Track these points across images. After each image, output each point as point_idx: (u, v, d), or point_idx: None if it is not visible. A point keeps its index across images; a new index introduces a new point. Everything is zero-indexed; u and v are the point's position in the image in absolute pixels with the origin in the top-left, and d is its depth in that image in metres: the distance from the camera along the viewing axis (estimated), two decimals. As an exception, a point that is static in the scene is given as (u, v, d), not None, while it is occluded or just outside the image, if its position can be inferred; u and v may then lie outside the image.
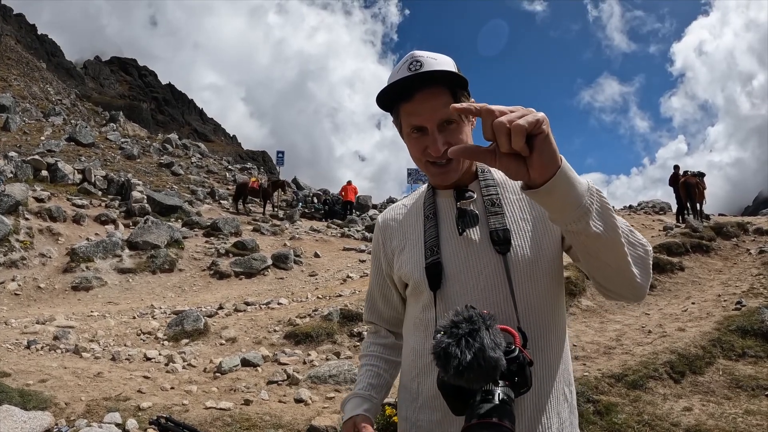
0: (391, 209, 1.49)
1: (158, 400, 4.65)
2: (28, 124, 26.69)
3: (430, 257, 1.28)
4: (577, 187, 0.94)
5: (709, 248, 10.57)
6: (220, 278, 11.54)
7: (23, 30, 68.32)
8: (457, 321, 0.99)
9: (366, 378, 1.46)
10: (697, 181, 15.79)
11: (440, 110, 1.20)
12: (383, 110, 1.30)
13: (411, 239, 1.36)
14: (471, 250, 1.26)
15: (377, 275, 1.50)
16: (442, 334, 0.98)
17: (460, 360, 0.94)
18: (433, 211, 1.34)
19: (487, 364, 0.93)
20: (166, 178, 22.53)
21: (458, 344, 0.95)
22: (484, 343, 0.94)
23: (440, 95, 1.20)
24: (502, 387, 0.96)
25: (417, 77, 1.18)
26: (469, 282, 1.24)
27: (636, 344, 6.14)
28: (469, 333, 0.96)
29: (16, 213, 11.91)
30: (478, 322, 0.98)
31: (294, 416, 4.50)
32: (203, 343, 6.84)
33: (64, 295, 9.91)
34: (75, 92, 59.33)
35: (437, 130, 1.22)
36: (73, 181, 16.78)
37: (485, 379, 0.95)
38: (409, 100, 1.22)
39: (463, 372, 0.94)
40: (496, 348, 0.95)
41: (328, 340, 6.74)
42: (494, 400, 0.94)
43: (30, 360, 5.74)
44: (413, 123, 1.24)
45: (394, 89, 1.22)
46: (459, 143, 1.21)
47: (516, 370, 1.00)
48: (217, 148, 60.40)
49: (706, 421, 4.48)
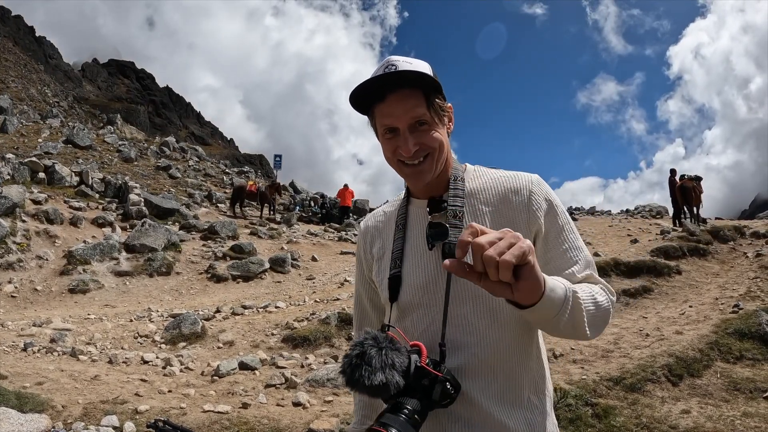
0: (372, 216, 1.51)
1: (156, 404, 4.63)
2: (26, 126, 26.64)
3: (393, 269, 1.32)
4: (555, 303, 1.04)
5: (706, 252, 10.59)
6: (218, 281, 11.51)
7: (21, 32, 68.20)
8: (355, 343, 1.11)
9: (360, 410, 1.50)
10: (694, 185, 15.84)
11: (411, 111, 1.21)
12: (359, 113, 1.30)
13: (386, 249, 1.39)
14: (427, 265, 1.28)
15: (362, 281, 1.52)
16: (345, 354, 1.11)
17: (348, 377, 1.08)
18: (404, 221, 1.36)
19: (371, 382, 1.05)
20: (163, 181, 22.50)
21: (349, 364, 1.08)
22: (372, 363, 1.05)
23: (411, 97, 1.21)
24: (410, 400, 1.07)
25: (388, 77, 1.19)
26: (417, 297, 1.28)
27: (634, 347, 6.15)
28: (358, 355, 1.07)
29: (13, 215, 11.87)
30: (368, 344, 1.08)
31: (292, 420, 4.48)
32: (201, 346, 6.82)
33: (60, 297, 9.88)
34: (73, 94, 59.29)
35: (408, 131, 1.23)
36: (71, 183, 16.73)
37: (375, 393, 1.07)
38: (382, 100, 1.23)
39: (352, 387, 1.08)
40: (386, 368, 1.06)
41: (326, 343, 6.73)
42: (397, 410, 1.06)
43: (27, 363, 5.72)
44: (385, 123, 1.25)
45: (366, 90, 1.23)
46: (430, 143, 1.24)
47: (429, 384, 1.09)
48: (214, 151, 60.37)
49: (705, 424, 4.48)
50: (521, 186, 1.30)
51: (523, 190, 1.29)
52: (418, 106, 1.21)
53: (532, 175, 1.32)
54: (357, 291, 1.56)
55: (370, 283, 1.48)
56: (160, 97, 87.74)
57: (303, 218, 21.95)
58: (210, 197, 21.67)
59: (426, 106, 1.22)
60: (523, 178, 1.31)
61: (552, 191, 1.31)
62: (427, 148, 1.24)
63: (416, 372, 1.10)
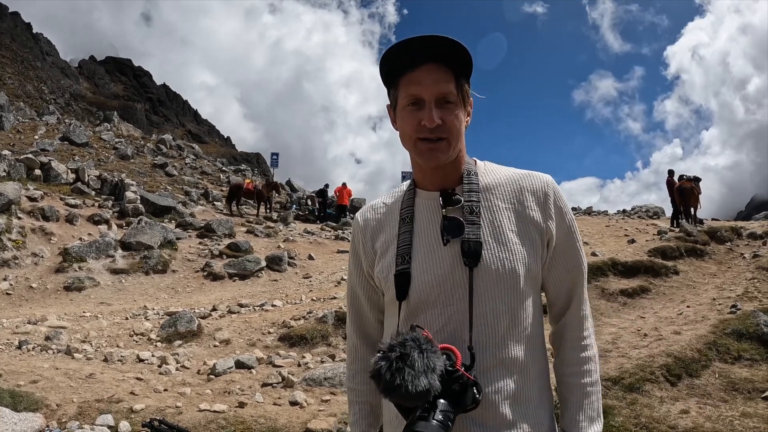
0: (371, 208, 1.42)
1: (151, 402, 4.60)
2: (22, 122, 26.55)
3: (400, 265, 1.25)
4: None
5: (704, 252, 10.60)
6: (214, 279, 11.48)
7: (18, 28, 67.94)
8: (393, 344, 1.04)
9: (363, 420, 1.42)
10: (692, 186, 15.86)
11: (441, 84, 1.19)
12: (384, 81, 1.27)
13: (391, 243, 1.31)
14: (442, 260, 1.22)
15: (359, 277, 1.41)
16: (380, 356, 1.04)
17: (387, 383, 1.00)
18: (410, 214, 1.30)
19: (415, 388, 0.99)
20: (159, 179, 22.43)
21: (389, 368, 1.01)
22: (415, 367, 1.00)
23: (444, 72, 1.20)
24: (443, 405, 1.02)
25: (425, 41, 1.17)
26: (432, 294, 1.22)
27: (632, 347, 6.14)
28: (399, 357, 1.01)
29: (8, 212, 11.80)
30: (409, 346, 1.02)
31: (289, 419, 4.46)
32: (197, 344, 6.79)
33: (56, 295, 9.83)
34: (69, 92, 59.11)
35: (435, 104, 1.20)
36: (67, 180, 16.67)
37: (415, 400, 1.01)
38: (413, 69, 1.20)
39: (390, 393, 1.01)
40: (428, 372, 1.00)
41: (322, 342, 6.71)
42: (429, 417, 1.01)
43: (21, 360, 5.67)
44: (412, 92, 1.21)
45: (400, 55, 1.20)
46: (452, 124, 1.21)
47: (459, 389, 1.06)
48: (211, 149, 60.23)
49: (703, 424, 4.47)
50: (538, 187, 1.28)
51: (540, 192, 1.27)
52: (449, 82, 1.19)
53: (546, 176, 1.30)
54: (352, 288, 1.45)
55: (368, 279, 1.39)
56: (157, 94, 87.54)
57: (299, 217, 21.91)
58: (207, 195, 21.62)
59: (455, 86, 1.20)
60: (538, 178, 1.29)
61: (563, 194, 1.30)
62: (447, 128, 1.20)
63: (448, 376, 1.05)
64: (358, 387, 1.44)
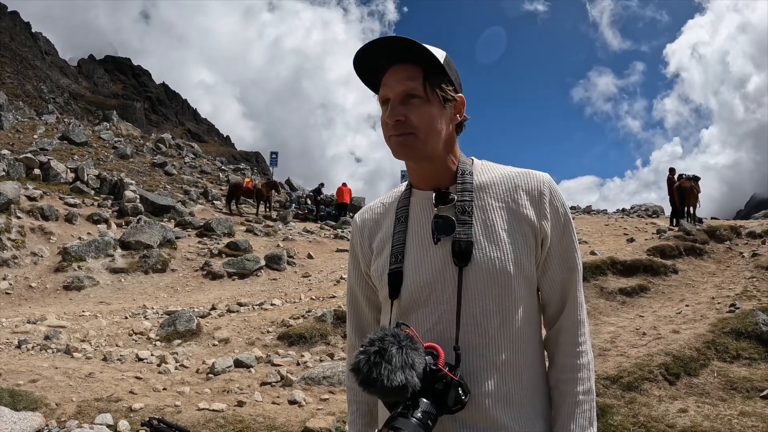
0: (369, 208, 1.43)
1: (150, 401, 4.60)
2: (21, 122, 26.54)
3: (394, 264, 1.26)
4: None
5: (703, 251, 10.60)
6: (213, 279, 11.48)
7: (17, 27, 67.92)
8: (373, 339, 1.05)
9: (359, 420, 1.42)
10: (692, 185, 15.85)
11: (403, 83, 1.20)
12: (373, 90, 1.29)
13: (387, 242, 1.32)
14: (433, 259, 1.23)
15: (358, 277, 1.43)
16: (360, 350, 1.05)
17: (365, 376, 1.02)
18: (405, 213, 1.30)
19: (390, 382, 0.99)
20: (159, 178, 22.43)
21: (367, 361, 1.02)
22: (392, 362, 1.01)
23: (408, 70, 1.20)
24: (425, 405, 1.03)
25: (380, 45, 1.19)
26: (423, 294, 1.22)
27: (630, 346, 6.14)
28: (377, 352, 1.02)
29: (7, 211, 11.80)
30: (388, 342, 1.03)
31: (288, 418, 4.46)
32: (196, 343, 6.79)
33: (55, 294, 9.83)
34: (68, 91, 59.07)
35: (399, 102, 1.20)
36: (66, 180, 16.65)
37: (392, 395, 1.02)
38: (384, 73, 1.23)
39: (367, 387, 1.02)
40: (406, 368, 1.01)
41: (321, 341, 6.71)
42: (408, 415, 1.01)
43: (21, 360, 5.68)
44: (382, 94, 1.24)
45: (364, 59, 1.23)
46: (421, 119, 1.19)
47: (442, 389, 1.05)
48: (210, 148, 60.20)
49: (702, 423, 4.47)
50: (533, 185, 1.26)
51: (535, 191, 1.26)
52: (412, 80, 1.19)
53: (544, 174, 1.29)
54: (351, 288, 1.47)
55: (366, 279, 1.40)
56: (156, 93, 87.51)
57: (299, 216, 21.90)
58: (206, 194, 21.61)
59: (422, 82, 1.20)
60: (535, 176, 1.28)
61: (561, 193, 1.29)
62: (412, 124, 1.19)
63: (431, 375, 1.05)
64: (355, 386, 1.44)
